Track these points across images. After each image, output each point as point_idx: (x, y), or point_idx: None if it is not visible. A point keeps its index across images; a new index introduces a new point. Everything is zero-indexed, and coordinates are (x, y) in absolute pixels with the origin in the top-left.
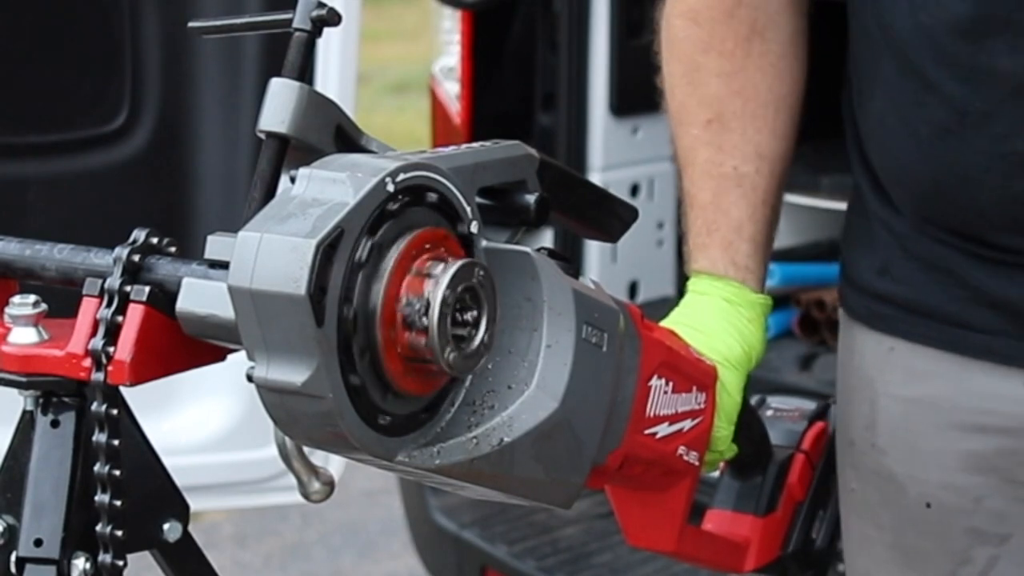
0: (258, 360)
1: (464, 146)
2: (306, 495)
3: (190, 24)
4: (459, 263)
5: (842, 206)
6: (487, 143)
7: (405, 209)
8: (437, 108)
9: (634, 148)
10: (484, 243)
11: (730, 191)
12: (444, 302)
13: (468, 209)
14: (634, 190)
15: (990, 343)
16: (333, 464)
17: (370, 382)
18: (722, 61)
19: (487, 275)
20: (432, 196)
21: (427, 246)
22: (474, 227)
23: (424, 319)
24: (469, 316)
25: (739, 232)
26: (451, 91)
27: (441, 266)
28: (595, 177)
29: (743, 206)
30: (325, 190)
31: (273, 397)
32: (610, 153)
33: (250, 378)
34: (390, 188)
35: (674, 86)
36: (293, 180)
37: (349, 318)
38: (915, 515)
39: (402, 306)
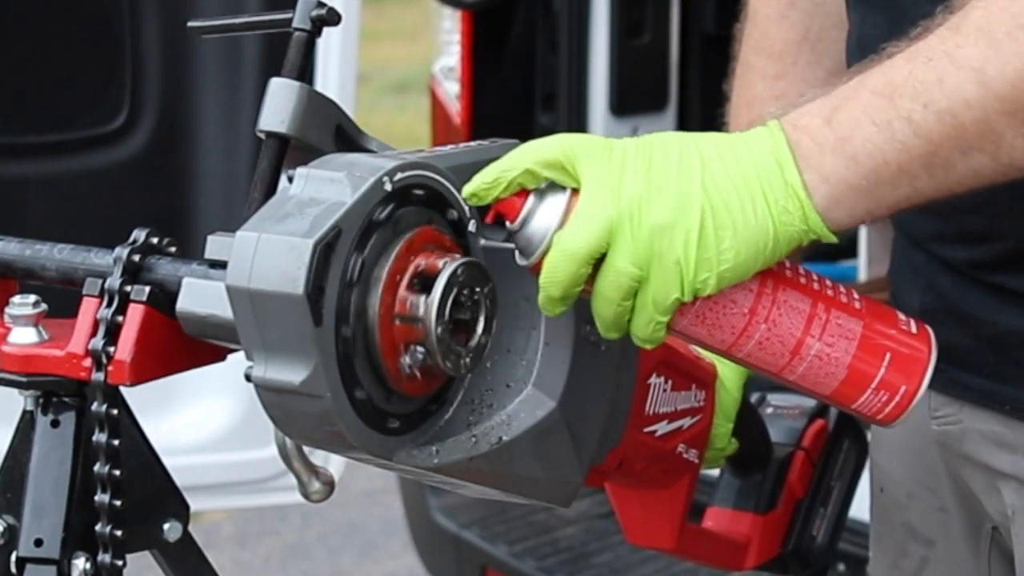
0: (256, 360)
1: (462, 145)
2: (306, 495)
3: (189, 24)
4: (457, 262)
5: None
6: (484, 142)
7: (402, 208)
8: (437, 108)
9: None
10: (482, 241)
11: None
12: (442, 301)
13: (466, 208)
14: None
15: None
16: (333, 464)
17: (368, 382)
18: (769, 63)
19: (485, 274)
20: (430, 195)
21: (425, 245)
22: (472, 226)
23: (422, 319)
24: (467, 315)
25: None
26: (451, 91)
27: (439, 266)
28: None
29: None
30: (323, 190)
31: (271, 397)
32: None
33: (248, 378)
34: (388, 187)
35: (731, 87)
36: (291, 180)
37: (347, 318)
38: (875, 496)
39: (400, 305)
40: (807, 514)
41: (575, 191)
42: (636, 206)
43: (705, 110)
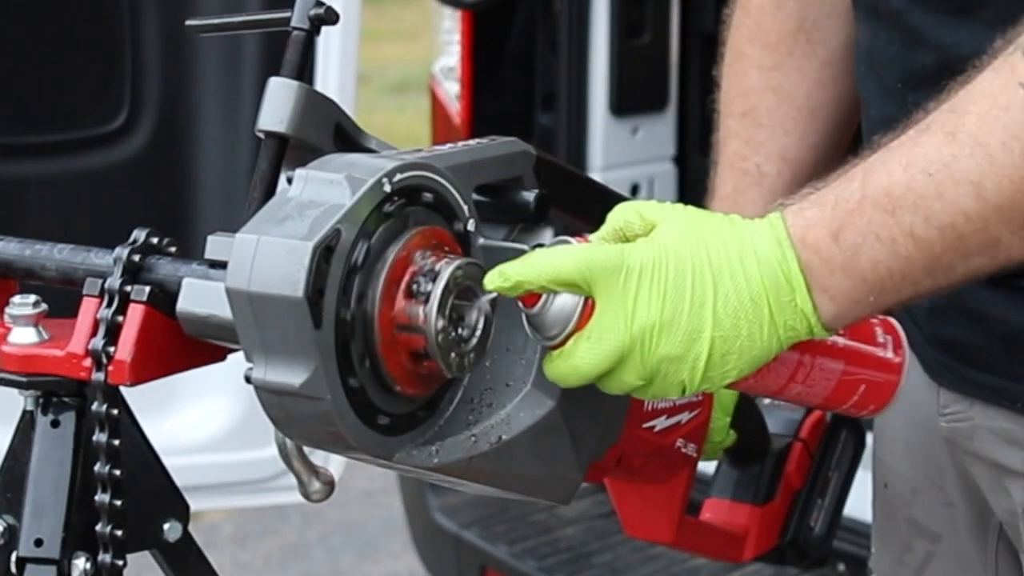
0: (256, 361)
1: (460, 144)
2: (306, 495)
3: (187, 22)
4: (456, 262)
5: None
6: (483, 140)
7: (402, 209)
8: (437, 108)
9: (634, 148)
10: (481, 241)
11: (749, 188)
12: (442, 301)
13: (465, 207)
14: (634, 190)
15: (921, 352)
16: (333, 464)
17: (368, 383)
18: (764, 53)
19: (484, 273)
20: (429, 195)
21: (424, 245)
22: (471, 225)
23: (422, 319)
24: (467, 315)
25: None
26: (451, 91)
27: (438, 265)
28: (595, 177)
29: (760, 206)
30: (322, 191)
31: (271, 398)
32: (610, 153)
33: (248, 379)
34: (387, 188)
35: (722, 74)
36: (290, 181)
37: (347, 320)
38: (878, 492)
39: (400, 306)
40: (805, 505)
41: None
42: (648, 337)
43: (705, 110)
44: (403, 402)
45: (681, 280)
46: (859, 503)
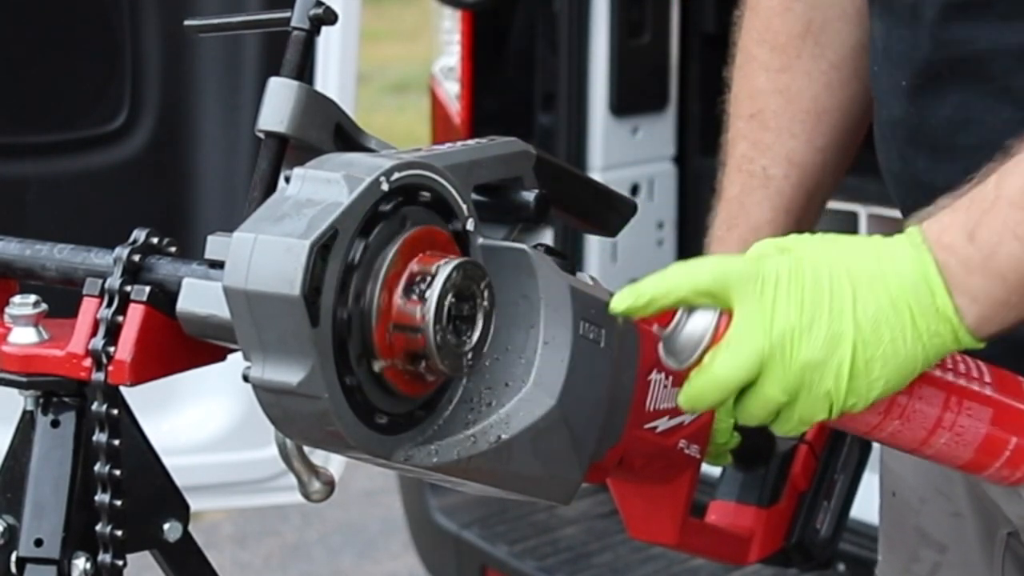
0: (254, 360)
1: (460, 143)
2: (306, 495)
3: (186, 22)
4: (455, 262)
5: (843, 206)
6: (483, 140)
7: (400, 208)
8: (437, 108)
9: (634, 148)
10: (480, 240)
11: (756, 190)
12: (440, 301)
13: (464, 207)
14: (634, 190)
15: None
16: (333, 464)
17: (366, 382)
18: (772, 55)
19: (483, 273)
20: (427, 195)
21: (423, 245)
22: (470, 225)
23: (420, 319)
24: (465, 315)
25: (757, 234)
26: (451, 91)
27: (437, 265)
28: (595, 177)
29: (766, 208)
30: (319, 190)
31: (269, 397)
32: (610, 153)
33: (246, 378)
34: (384, 187)
35: (731, 76)
36: (287, 180)
37: (344, 318)
38: (886, 500)
39: (397, 306)
40: (810, 507)
41: (725, 312)
42: (788, 341)
43: (705, 110)
44: (402, 401)
45: (819, 286)
46: (860, 504)
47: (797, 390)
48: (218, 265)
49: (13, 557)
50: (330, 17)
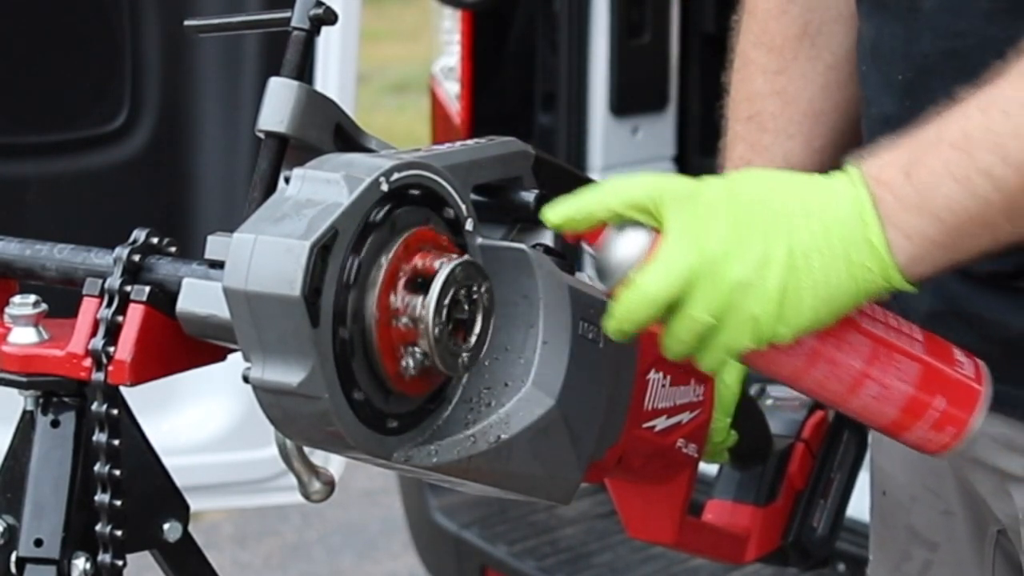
0: (254, 361)
1: (459, 143)
2: (306, 495)
3: (186, 22)
4: (454, 262)
5: None
6: (482, 140)
7: (399, 208)
8: (437, 108)
9: (634, 148)
10: (479, 240)
11: None
12: (439, 301)
13: (463, 207)
14: None
15: None
16: (333, 464)
17: (366, 382)
18: (769, 57)
19: (482, 273)
20: (427, 195)
21: (422, 245)
22: (469, 225)
23: (420, 319)
24: (465, 315)
25: None
26: (451, 91)
27: (436, 265)
28: (595, 177)
29: None
30: (319, 191)
31: (269, 398)
32: (610, 153)
33: (246, 379)
34: (384, 188)
35: (730, 80)
36: (287, 180)
37: (344, 319)
38: (877, 499)
39: (397, 306)
40: (807, 506)
41: (657, 230)
42: (719, 259)
43: (705, 110)
44: (402, 401)
45: (754, 210)
46: (861, 503)
47: (724, 312)
48: (218, 265)
49: (13, 557)
50: (330, 17)
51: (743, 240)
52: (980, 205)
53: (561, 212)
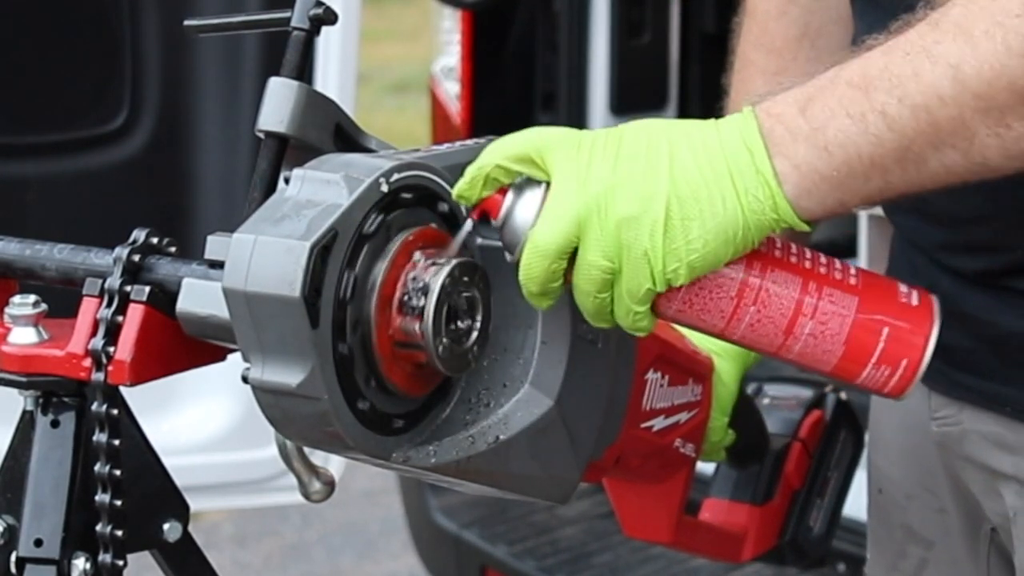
0: (253, 361)
1: (458, 143)
2: (306, 495)
3: (185, 22)
4: (453, 262)
5: None
6: (481, 140)
7: (399, 209)
8: (437, 108)
9: None
10: (479, 240)
11: None
12: (439, 302)
13: (462, 207)
14: None
15: None
16: (333, 464)
17: (365, 382)
18: (769, 59)
19: (482, 273)
20: (426, 195)
21: (421, 245)
22: (468, 224)
23: (419, 319)
24: (464, 315)
25: None
26: (451, 91)
27: (436, 265)
28: None
29: None
30: (319, 191)
31: (268, 398)
32: None
33: (246, 379)
34: (384, 188)
35: (730, 82)
36: (287, 181)
37: (344, 320)
38: (873, 497)
39: (397, 306)
40: (804, 505)
41: (550, 184)
42: (603, 199)
43: (705, 110)
44: (401, 401)
45: (636, 147)
46: (860, 503)
47: (617, 252)
48: (218, 265)
49: (13, 557)
50: (330, 17)
51: (627, 177)
52: (872, 144)
53: (458, 185)
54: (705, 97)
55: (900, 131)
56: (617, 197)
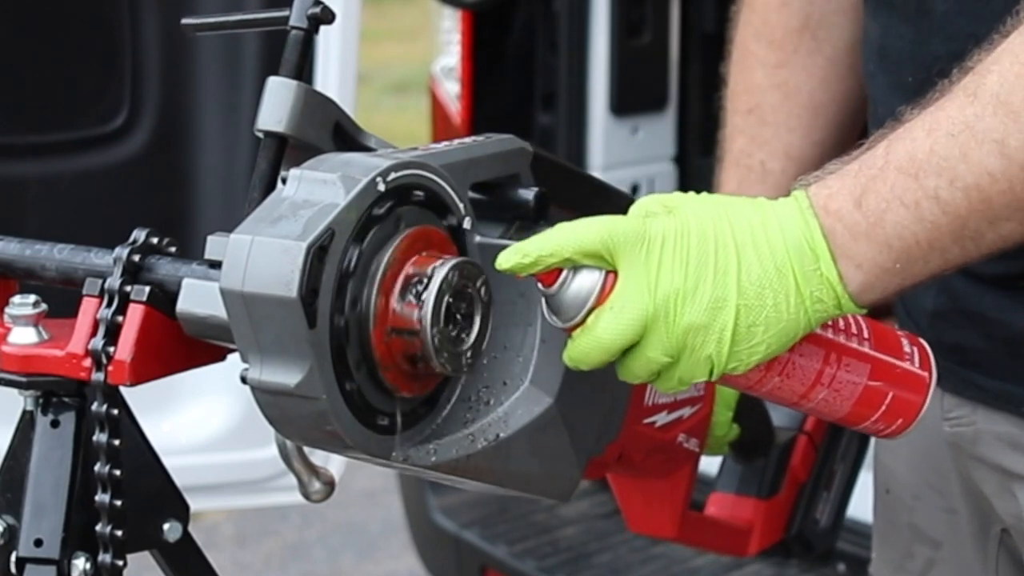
0: (252, 362)
1: (456, 141)
2: (306, 495)
3: (183, 21)
4: (452, 261)
5: None
6: (479, 138)
7: (397, 208)
8: (437, 108)
9: (634, 148)
10: (478, 239)
11: (754, 185)
12: (437, 301)
13: (461, 206)
14: (634, 190)
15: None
16: (333, 464)
17: (364, 382)
18: (770, 50)
19: (480, 272)
20: (424, 194)
21: (419, 245)
22: (467, 223)
23: (417, 319)
24: (463, 314)
25: None
26: (451, 91)
27: (433, 266)
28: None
29: None
30: (316, 191)
31: (267, 398)
32: (610, 153)
33: (244, 380)
34: (381, 188)
35: (728, 72)
36: (284, 181)
37: (342, 320)
38: (880, 497)
39: (395, 306)
40: (810, 498)
41: (611, 271)
42: (672, 304)
43: (705, 110)
44: (400, 401)
45: (704, 249)
46: (860, 503)
47: (679, 353)
48: (218, 265)
49: (13, 557)
50: (328, 16)
51: (695, 283)
52: (928, 230)
53: (512, 260)
54: (705, 97)
55: (954, 213)
56: (686, 304)
